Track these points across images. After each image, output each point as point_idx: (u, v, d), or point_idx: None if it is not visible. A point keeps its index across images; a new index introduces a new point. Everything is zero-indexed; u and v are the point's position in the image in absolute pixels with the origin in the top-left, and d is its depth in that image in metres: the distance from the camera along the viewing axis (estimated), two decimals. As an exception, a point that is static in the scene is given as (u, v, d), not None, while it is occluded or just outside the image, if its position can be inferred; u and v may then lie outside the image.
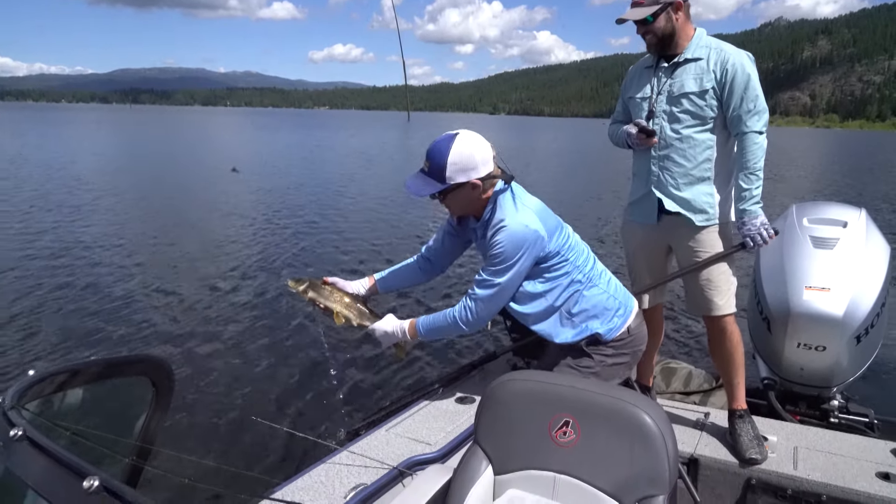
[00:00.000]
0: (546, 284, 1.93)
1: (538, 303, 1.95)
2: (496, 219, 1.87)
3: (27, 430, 0.94)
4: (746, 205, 2.25)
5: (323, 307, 2.13)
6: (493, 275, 1.88)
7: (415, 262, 2.27)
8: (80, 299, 5.95)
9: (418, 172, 1.89)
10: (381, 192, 14.68)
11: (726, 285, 2.37)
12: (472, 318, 1.94)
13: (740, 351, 2.39)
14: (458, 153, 1.81)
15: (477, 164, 1.83)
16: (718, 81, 2.24)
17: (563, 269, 1.93)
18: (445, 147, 1.82)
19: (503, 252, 1.84)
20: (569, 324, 1.97)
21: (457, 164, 1.81)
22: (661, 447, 1.29)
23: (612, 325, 1.98)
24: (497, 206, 1.89)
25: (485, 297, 1.91)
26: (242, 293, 6.41)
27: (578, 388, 1.44)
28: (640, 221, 2.48)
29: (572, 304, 1.95)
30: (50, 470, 0.87)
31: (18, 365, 4.38)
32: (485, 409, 1.49)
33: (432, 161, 1.84)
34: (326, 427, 3.63)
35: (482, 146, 1.85)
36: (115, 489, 0.79)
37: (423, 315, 2.09)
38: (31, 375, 1.20)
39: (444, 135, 1.86)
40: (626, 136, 2.44)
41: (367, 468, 1.89)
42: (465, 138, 1.84)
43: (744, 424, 2.26)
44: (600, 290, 2.00)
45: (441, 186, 1.83)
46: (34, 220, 9.63)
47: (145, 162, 21.73)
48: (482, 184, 1.85)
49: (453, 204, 1.92)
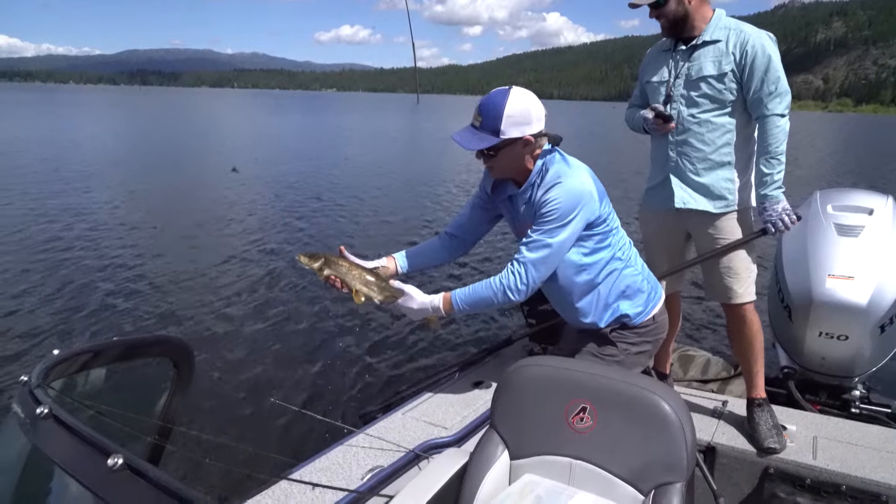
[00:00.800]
0: (589, 257, 1.86)
1: (580, 276, 1.88)
2: (551, 176, 1.79)
3: (53, 409, 0.96)
4: (768, 190, 2.21)
5: (341, 285, 1.99)
6: (545, 234, 1.78)
7: (438, 239, 2.16)
8: (100, 281, 6.05)
9: (467, 127, 1.82)
10: (406, 176, 14.68)
11: (746, 273, 2.33)
12: (522, 284, 1.82)
13: (760, 339, 2.36)
14: (514, 107, 1.75)
15: (532, 120, 1.77)
16: (738, 64, 2.19)
17: (608, 241, 1.88)
18: (501, 100, 1.75)
19: (559, 208, 1.76)
20: (602, 304, 1.93)
21: (512, 117, 1.75)
22: (678, 434, 1.28)
23: (640, 310, 1.96)
24: (548, 165, 1.83)
25: (536, 261, 1.80)
26: (260, 275, 6.47)
27: (595, 374, 1.43)
28: (657, 208, 2.45)
29: (611, 282, 1.91)
30: (75, 447, 0.89)
31: (40, 345, 4.48)
32: (501, 393, 1.49)
33: (486, 114, 1.77)
34: (343, 410, 3.67)
35: (536, 102, 1.80)
36: (138, 467, 0.81)
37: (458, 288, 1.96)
38: (56, 355, 1.22)
39: (497, 89, 1.80)
40: (642, 121, 2.40)
41: (384, 451, 1.91)
42: (521, 92, 1.78)
43: (762, 413, 2.24)
44: (636, 272, 1.97)
45: (494, 141, 1.76)
46: (57, 203, 9.79)
47: (166, 143, 21.91)
48: (534, 141, 1.80)
49: (503, 161, 1.83)
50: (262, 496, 1.68)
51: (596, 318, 1.95)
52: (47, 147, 18.55)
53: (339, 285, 1.97)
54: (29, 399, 1.01)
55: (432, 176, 14.86)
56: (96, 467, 0.82)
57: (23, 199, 10.00)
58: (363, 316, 5.36)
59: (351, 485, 1.73)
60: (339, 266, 1.99)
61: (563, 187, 1.77)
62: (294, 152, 20.24)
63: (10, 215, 8.75)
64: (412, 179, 14.32)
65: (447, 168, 16.82)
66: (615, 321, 1.95)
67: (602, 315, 1.94)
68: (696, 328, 5.12)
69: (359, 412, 2.70)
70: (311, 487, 1.68)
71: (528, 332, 2.93)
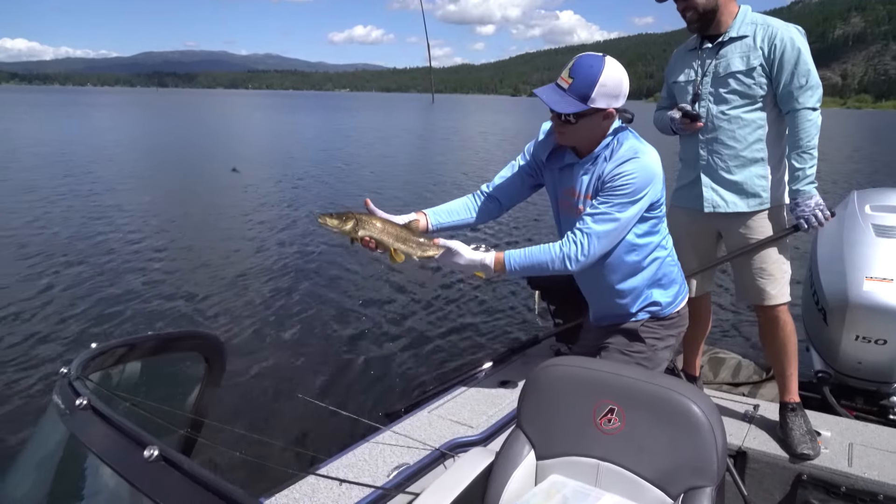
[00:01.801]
0: (642, 239, 1.84)
1: (630, 256, 1.85)
2: (625, 150, 1.75)
3: (91, 400, 0.98)
4: (800, 185, 2.16)
5: (375, 246, 1.79)
6: (614, 207, 1.73)
7: (470, 198, 2.04)
8: (133, 277, 6.19)
9: (552, 86, 1.76)
10: (433, 171, 14.72)
11: (780, 273, 2.28)
12: (582, 255, 1.75)
13: (794, 341, 2.30)
14: (610, 76, 1.70)
15: (621, 93, 1.73)
16: (767, 58, 2.15)
17: (659, 227, 1.87)
18: (597, 67, 1.70)
19: (634, 183, 1.71)
20: (641, 289, 1.90)
21: (606, 86, 1.70)
22: (709, 438, 1.26)
23: (671, 300, 1.94)
24: (621, 139, 1.78)
25: (601, 233, 1.74)
26: (287, 270, 6.55)
27: (624, 375, 1.41)
28: (687, 207, 2.41)
29: (654, 268, 1.89)
30: (112, 438, 0.91)
31: (77, 339, 4.61)
32: (528, 393, 1.48)
33: (578, 78, 1.70)
34: (369, 407, 3.69)
35: (626, 77, 1.75)
36: (173, 459, 0.83)
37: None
38: (93, 348, 1.26)
39: (590, 53, 1.74)
40: (669, 122, 2.37)
41: (410, 448, 1.91)
42: (615, 63, 1.73)
43: (796, 418, 2.19)
44: (673, 262, 1.95)
45: (582, 107, 1.70)
46: (92, 202, 10.06)
47: (190, 143, 22.32)
48: (615, 115, 1.76)
49: (581, 129, 1.77)
50: (290, 490, 1.70)
51: (629, 303, 1.92)
52: (78, 146, 19.09)
53: (372, 246, 1.79)
54: (69, 390, 1.05)
55: (459, 171, 14.86)
56: (133, 458, 0.84)
57: (58, 198, 10.30)
58: (389, 314, 5.40)
59: (377, 481, 1.74)
60: (373, 225, 1.78)
61: (639, 163, 1.73)
62: (319, 150, 20.42)
63: (47, 216, 9.01)
64: (438, 174, 14.34)
65: (474, 164, 16.81)
66: (645, 309, 1.92)
67: (636, 300, 1.92)
68: (727, 330, 5.01)
69: (384, 410, 2.72)
70: (338, 483, 1.70)
71: (554, 331, 2.91)
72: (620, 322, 1.96)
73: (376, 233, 1.78)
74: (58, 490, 1.13)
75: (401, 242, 1.81)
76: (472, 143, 26.06)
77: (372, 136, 28.29)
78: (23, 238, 7.55)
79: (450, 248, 1.82)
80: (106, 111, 52.30)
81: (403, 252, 1.81)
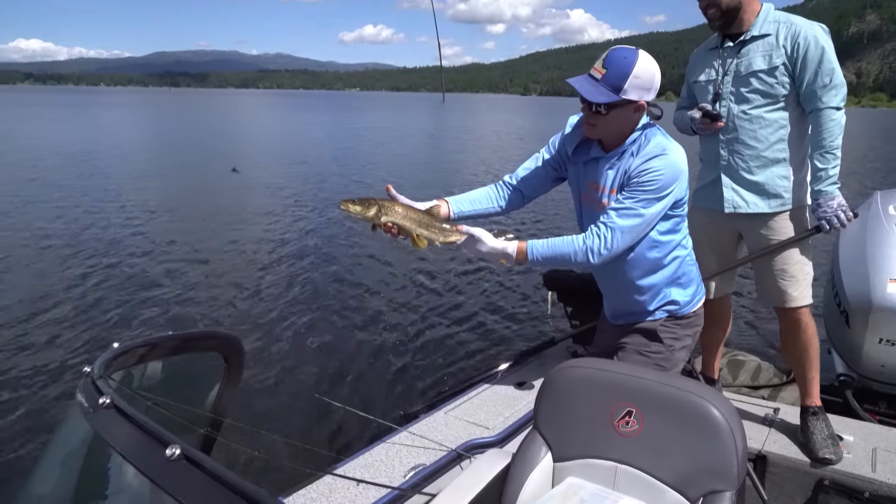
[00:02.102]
0: (664, 236, 1.84)
1: (651, 252, 1.85)
2: (653, 146, 1.75)
3: (114, 399, 1.00)
4: (822, 185, 2.13)
5: (397, 232, 1.79)
6: (639, 203, 1.73)
7: (493, 188, 2.05)
8: (148, 279, 6.28)
9: (585, 76, 1.77)
10: (453, 169, 14.73)
11: (802, 275, 2.25)
12: (605, 249, 1.76)
13: (815, 345, 2.27)
14: (643, 69, 1.71)
15: (653, 87, 1.74)
16: (790, 57, 2.12)
17: (682, 226, 1.88)
18: (630, 59, 1.71)
19: (660, 180, 1.72)
20: (660, 287, 1.90)
21: (639, 78, 1.70)
22: (729, 441, 1.25)
23: (689, 300, 1.93)
24: (648, 135, 1.79)
25: (625, 228, 1.74)
26: (304, 268, 6.60)
27: (642, 377, 1.40)
28: (707, 207, 2.38)
29: (673, 266, 1.88)
30: (135, 437, 0.92)
31: (98, 339, 4.69)
32: (545, 395, 1.47)
33: (612, 69, 1.71)
34: (385, 407, 3.70)
35: (659, 70, 1.76)
36: (195, 457, 0.84)
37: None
38: (116, 347, 1.28)
39: (624, 47, 1.75)
40: (689, 122, 2.34)
41: (426, 449, 1.92)
42: (648, 56, 1.74)
43: (817, 422, 2.16)
44: (692, 262, 1.95)
45: (614, 98, 1.71)
46: (109, 203, 10.22)
47: (205, 143, 22.52)
48: (645, 108, 1.77)
49: (611, 121, 1.77)
50: (307, 490, 1.71)
51: (647, 300, 1.91)
52: (94, 146, 19.39)
53: (395, 232, 1.79)
54: (92, 389, 1.06)
55: (475, 170, 14.85)
56: (155, 457, 0.85)
57: (76, 198, 10.47)
58: (405, 314, 5.41)
59: (394, 482, 1.74)
60: (395, 210, 1.77)
61: (666, 160, 1.73)
62: (336, 149, 20.53)
63: (66, 216, 9.17)
64: (455, 173, 14.33)
65: (490, 163, 16.78)
66: (663, 308, 1.92)
67: (654, 298, 1.91)
68: (746, 332, 4.95)
69: (401, 410, 2.73)
70: (355, 483, 1.71)
71: (571, 332, 2.90)
72: (637, 321, 1.95)
73: (399, 218, 1.77)
74: (81, 488, 1.15)
75: (423, 228, 1.80)
76: (486, 142, 26.10)
77: (385, 135, 28.42)
78: (45, 239, 7.70)
79: (473, 235, 1.82)
80: (119, 111, 53.06)
81: (426, 237, 1.80)
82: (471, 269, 6.83)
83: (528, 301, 5.85)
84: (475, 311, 5.57)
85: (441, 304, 5.73)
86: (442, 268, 6.95)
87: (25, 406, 3.67)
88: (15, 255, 6.94)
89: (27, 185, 11.71)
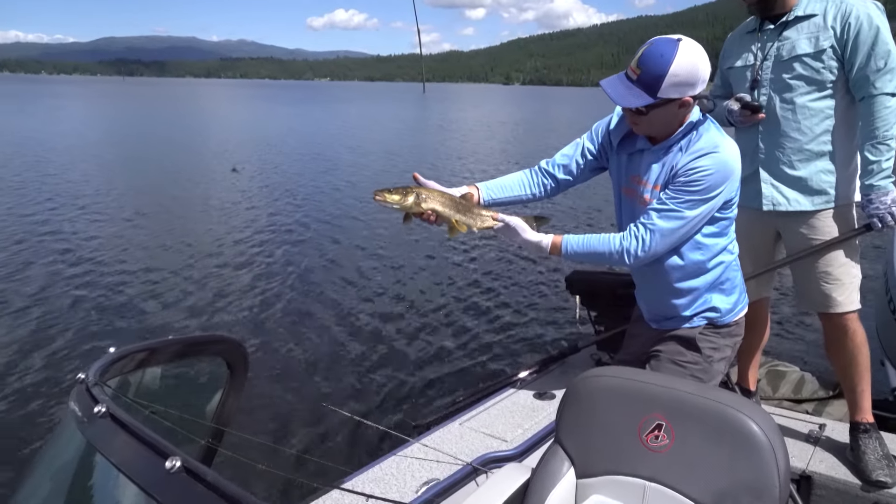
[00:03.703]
0: (709, 239, 1.82)
1: (694, 254, 1.83)
2: (704, 143, 1.73)
3: (110, 407, 1.00)
4: (874, 179, 2.08)
5: (435, 219, 1.84)
6: (684, 204, 1.71)
7: (527, 174, 2.05)
8: (147, 280, 6.35)
9: (621, 76, 1.76)
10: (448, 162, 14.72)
11: (848, 278, 2.21)
12: (642, 251, 1.75)
13: (865, 354, 2.23)
14: (682, 65, 1.66)
15: (697, 81, 1.70)
16: (839, 39, 2.07)
17: (730, 230, 1.86)
18: (668, 56, 1.67)
19: (709, 180, 1.69)
20: (700, 292, 1.88)
21: (678, 76, 1.66)
22: (769, 459, 1.22)
23: (730, 308, 1.90)
24: (701, 130, 1.76)
25: (666, 231, 1.73)
26: (313, 273, 6.65)
27: (674, 388, 1.38)
28: (743, 205, 2.34)
29: (717, 273, 1.86)
30: (133, 448, 0.93)
31: (91, 344, 4.75)
32: (567, 406, 1.46)
33: (647, 68, 1.69)
34: (397, 418, 3.71)
35: (705, 61, 1.71)
36: (196, 470, 0.84)
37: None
38: (112, 353, 1.29)
39: (663, 38, 1.72)
40: (726, 114, 2.30)
41: (440, 463, 1.91)
42: (690, 48, 1.69)
43: (869, 440, 2.11)
44: (737, 268, 1.93)
45: (649, 101, 1.69)
46: (103, 205, 10.36)
47: (185, 140, 22.37)
48: (692, 102, 1.73)
49: (653, 120, 1.76)
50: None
51: (686, 305, 1.89)
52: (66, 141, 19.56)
53: (433, 219, 1.84)
54: (86, 397, 1.07)
55: (475, 165, 14.83)
56: (154, 469, 0.85)
57: (47, 201, 10.51)
58: (418, 320, 5.41)
59: (405, 497, 1.74)
60: (433, 198, 1.83)
61: (717, 158, 1.70)
62: (328, 146, 20.46)
63: (41, 218, 9.27)
64: (453, 170, 14.33)
65: (486, 157, 16.75)
66: (702, 314, 1.89)
67: (693, 303, 1.89)
68: (787, 339, 4.88)
69: (413, 421, 2.73)
70: (364, 499, 1.71)
71: (595, 339, 2.88)
72: (673, 327, 1.93)
73: (438, 205, 1.83)
74: (75, 501, 1.16)
75: (462, 214, 1.86)
76: (479, 134, 25.93)
77: (369, 128, 28.02)
78: (27, 241, 7.74)
79: (508, 224, 1.86)
80: (73, 102, 51.61)
81: (465, 223, 1.85)
82: (486, 270, 6.83)
83: (550, 303, 5.83)
84: (492, 315, 5.56)
85: (455, 308, 5.73)
86: (456, 269, 6.96)
87: (14, 415, 3.71)
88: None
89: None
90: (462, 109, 51.72)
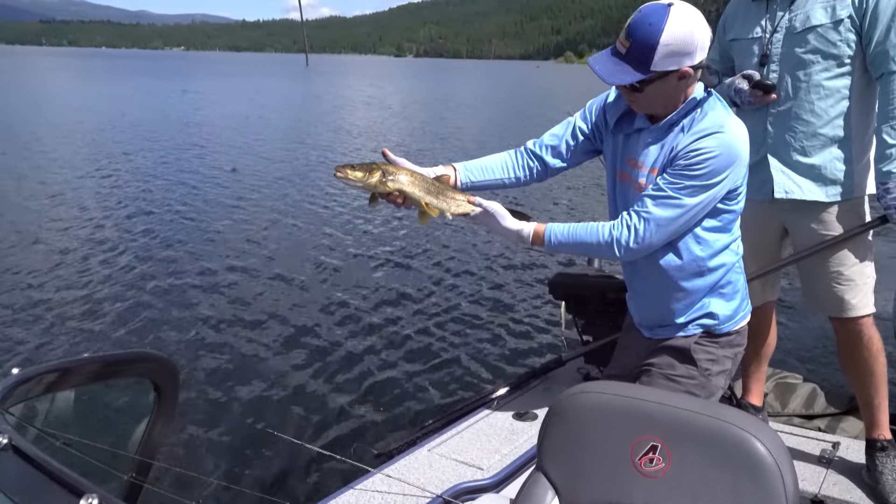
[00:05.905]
0: (710, 234, 1.84)
1: (694, 250, 1.84)
2: (709, 122, 1.74)
3: (13, 439, 0.98)
4: (892, 165, 2.14)
5: (403, 200, 1.85)
6: (683, 191, 1.72)
7: (512, 155, 2.06)
8: (64, 287, 6.22)
9: (609, 53, 1.77)
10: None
11: (862, 279, 2.27)
12: (635, 242, 1.76)
13: (882, 363, 2.29)
14: (674, 33, 1.67)
15: (694, 49, 1.70)
16: (857, 8, 2.12)
17: (734, 225, 1.87)
18: (657, 24, 1.67)
19: (712, 164, 1.70)
20: (698, 296, 1.90)
21: (670, 46, 1.67)
22: (776, 483, 1.26)
23: (730, 314, 1.93)
24: (706, 108, 1.78)
25: (662, 220, 1.74)
26: (256, 277, 6.58)
27: (670, 405, 1.40)
28: (746, 198, 2.40)
29: (718, 275, 1.88)
30: (41, 485, 0.91)
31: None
32: (550, 427, 1.48)
33: (635, 40, 1.70)
34: (356, 445, 3.69)
35: (702, 25, 1.72)
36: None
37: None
38: (15, 375, 1.26)
39: (652, 4, 1.72)
40: (732, 93, 2.34)
41: (405, 496, 1.92)
42: (683, 11, 1.69)
43: (888, 459, 2.18)
44: (740, 271, 1.95)
45: (641, 76, 1.70)
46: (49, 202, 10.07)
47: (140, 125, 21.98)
48: (692, 73, 1.74)
49: (650, 97, 1.77)
50: None
51: (681, 309, 1.91)
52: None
53: (400, 202, 1.85)
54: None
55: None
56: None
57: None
58: (380, 330, 5.40)
59: None
60: (401, 177, 1.83)
61: (722, 139, 1.71)
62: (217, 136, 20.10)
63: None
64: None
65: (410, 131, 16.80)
66: (698, 321, 1.92)
67: (689, 307, 1.91)
68: (796, 349, 5.00)
69: (374, 449, 2.72)
70: None
71: (582, 351, 2.91)
72: (667, 336, 1.95)
73: (406, 186, 1.83)
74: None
75: (433, 196, 1.86)
76: (398, 120, 23.68)
77: (260, 112, 25.36)
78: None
79: (486, 210, 1.86)
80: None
81: (437, 207, 1.86)
82: (458, 271, 6.85)
83: (531, 310, 5.87)
84: (465, 324, 5.58)
85: (421, 316, 5.73)
86: (422, 268, 6.96)
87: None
88: None
89: None
90: (362, 87, 49.14)
